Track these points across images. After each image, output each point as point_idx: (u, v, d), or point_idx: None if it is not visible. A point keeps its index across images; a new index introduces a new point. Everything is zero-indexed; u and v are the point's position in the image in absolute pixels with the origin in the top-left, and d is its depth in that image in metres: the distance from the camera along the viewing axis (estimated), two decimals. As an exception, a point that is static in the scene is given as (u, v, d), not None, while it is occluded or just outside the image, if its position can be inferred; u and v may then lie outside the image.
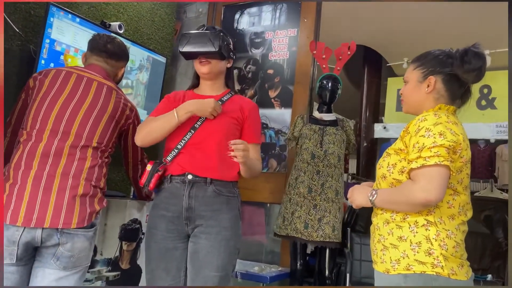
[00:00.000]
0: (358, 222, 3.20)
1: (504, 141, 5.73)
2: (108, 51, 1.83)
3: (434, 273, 1.21)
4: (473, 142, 5.86)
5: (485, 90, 5.79)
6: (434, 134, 1.22)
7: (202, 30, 1.77)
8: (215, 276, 1.62)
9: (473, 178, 6.12)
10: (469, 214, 1.33)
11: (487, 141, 5.78)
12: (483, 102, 5.80)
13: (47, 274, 1.53)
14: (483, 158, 5.87)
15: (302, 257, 2.68)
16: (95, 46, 1.85)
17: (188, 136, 1.69)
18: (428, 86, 1.37)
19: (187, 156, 1.69)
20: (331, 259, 2.70)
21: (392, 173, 1.32)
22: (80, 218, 1.53)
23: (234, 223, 1.71)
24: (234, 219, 1.72)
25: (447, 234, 1.25)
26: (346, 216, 3.08)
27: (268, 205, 3.21)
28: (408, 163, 1.26)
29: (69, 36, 2.43)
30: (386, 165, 1.35)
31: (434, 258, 1.22)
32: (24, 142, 1.59)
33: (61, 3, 2.38)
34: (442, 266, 1.21)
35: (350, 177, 5.41)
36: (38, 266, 1.54)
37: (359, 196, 1.40)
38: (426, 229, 1.26)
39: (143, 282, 2.24)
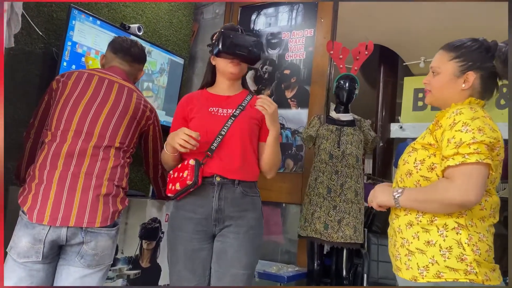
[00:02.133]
0: (374, 222, 3.19)
1: (524, 141, 5.62)
2: (133, 55, 1.88)
3: (468, 281, 1.12)
4: (491, 142, 5.77)
5: (504, 89, 5.72)
6: (473, 129, 1.12)
7: (241, 32, 1.78)
8: (243, 274, 1.64)
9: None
10: (498, 215, 1.24)
11: (506, 140, 5.66)
12: (502, 101, 5.70)
13: (72, 272, 1.56)
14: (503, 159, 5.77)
15: (319, 257, 2.69)
16: (119, 49, 1.88)
17: (217, 141, 1.69)
18: (465, 82, 1.25)
19: (215, 158, 1.69)
20: (348, 259, 2.70)
21: (420, 169, 1.22)
22: (103, 217, 1.57)
23: (259, 221, 1.75)
24: (259, 218, 1.75)
25: (479, 238, 1.16)
26: (366, 218, 3.07)
27: (284, 205, 3.22)
28: (442, 159, 1.16)
29: (90, 39, 2.48)
30: (412, 160, 1.25)
31: (467, 265, 1.13)
32: (49, 143, 1.63)
33: (82, 5, 2.43)
34: (476, 272, 1.13)
35: (366, 177, 5.38)
36: (62, 264, 1.57)
37: (381, 194, 1.29)
38: (457, 233, 1.17)
39: (162, 280, 2.27)
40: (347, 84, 2.73)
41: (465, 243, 1.15)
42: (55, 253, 1.57)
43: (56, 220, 1.50)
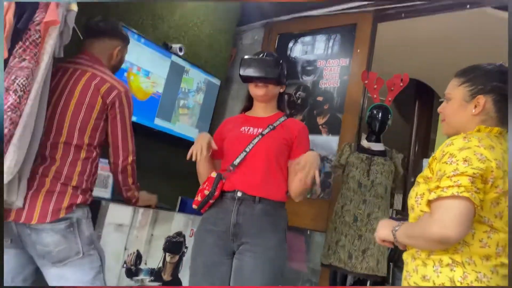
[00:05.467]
0: (401, 257, 3.10)
1: None
2: (100, 30, 1.80)
3: None
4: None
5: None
6: (458, 161, 1.07)
7: (261, 56, 1.85)
8: None
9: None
10: None
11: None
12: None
13: (47, 273, 1.61)
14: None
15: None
16: (87, 28, 1.81)
17: (241, 157, 1.74)
18: (475, 106, 1.20)
19: (238, 174, 1.74)
20: (371, 292, 2.63)
21: (420, 204, 1.18)
22: (41, 214, 1.56)
23: (280, 244, 1.72)
24: (280, 240, 1.72)
25: (477, 277, 1.07)
26: (389, 250, 2.99)
27: (309, 232, 3.19)
28: (430, 193, 1.11)
29: (133, 55, 2.60)
30: (414, 195, 1.21)
31: None
32: None
33: (128, 23, 2.56)
34: None
35: (395, 212, 5.25)
36: (40, 266, 1.63)
37: (382, 228, 1.26)
38: (451, 270, 1.09)
39: (182, 295, 2.28)
40: (380, 114, 2.73)
41: (458, 281, 1.08)
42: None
43: (14, 216, 1.56)
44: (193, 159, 1.67)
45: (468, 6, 2.85)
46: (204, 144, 1.69)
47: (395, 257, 3.03)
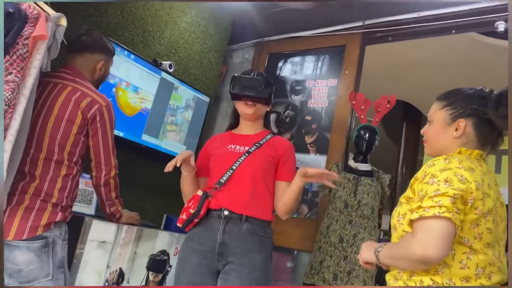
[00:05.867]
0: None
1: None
2: (83, 44, 1.78)
3: None
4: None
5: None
6: (439, 181, 1.08)
7: (252, 75, 1.86)
8: None
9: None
10: (496, 278, 1.13)
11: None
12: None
13: None
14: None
15: (326, 308, 2.60)
16: (70, 41, 1.79)
17: (227, 175, 1.74)
18: (456, 129, 1.23)
19: (225, 192, 1.73)
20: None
21: (402, 224, 1.18)
22: (19, 230, 1.53)
23: (266, 264, 1.70)
24: (266, 260, 1.71)
25: None
26: (376, 272, 2.98)
27: (295, 252, 3.16)
28: (411, 213, 1.12)
29: (122, 71, 2.61)
30: (396, 215, 1.22)
31: None
32: None
33: (118, 40, 2.57)
34: None
35: (382, 233, 5.25)
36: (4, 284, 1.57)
37: (365, 250, 1.26)
38: None
39: (164, 315, 2.23)
40: (367, 135, 2.75)
41: None
42: None
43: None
44: (165, 170, 1.68)
45: (453, 31, 2.92)
46: (179, 158, 1.70)
47: (380, 280, 3.01)
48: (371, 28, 3.16)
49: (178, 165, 1.70)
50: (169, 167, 1.69)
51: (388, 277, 1.25)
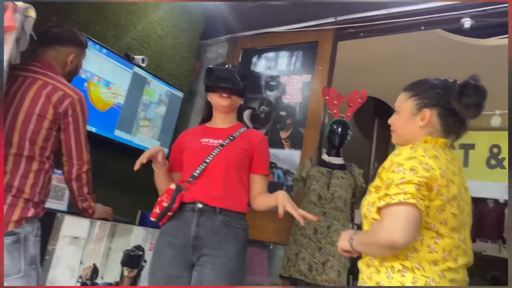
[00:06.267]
0: (361, 270, 3.15)
1: (514, 202, 5.66)
2: (54, 36, 1.74)
3: None
4: (482, 201, 5.83)
5: (495, 150, 5.82)
6: (405, 170, 1.12)
7: (227, 67, 1.86)
8: None
9: (482, 237, 6.02)
10: (462, 260, 1.19)
11: (496, 200, 5.71)
12: (493, 162, 5.81)
13: None
14: (491, 218, 5.77)
15: (302, 300, 2.64)
16: (40, 33, 1.74)
17: (200, 168, 1.74)
18: (422, 119, 1.27)
19: (198, 185, 1.73)
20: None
21: (371, 212, 1.21)
22: None
23: (240, 255, 1.71)
24: (241, 251, 1.72)
25: (425, 282, 1.12)
26: (350, 262, 3.04)
27: (271, 246, 3.19)
28: (379, 201, 1.16)
29: (94, 66, 2.56)
30: (366, 204, 1.26)
31: None
32: None
33: (90, 34, 2.52)
34: None
35: (356, 227, 5.35)
36: None
37: (342, 239, 1.30)
38: (402, 275, 1.14)
39: (140, 311, 2.22)
40: (340, 129, 2.80)
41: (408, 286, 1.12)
42: None
43: None
44: (134, 168, 1.67)
45: (422, 27, 3.00)
46: (145, 155, 1.69)
47: (355, 270, 3.07)
48: (343, 24, 3.21)
49: (144, 161, 1.68)
50: (136, 165, 1.68)
51: (361, 264, 1.29)
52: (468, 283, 1.25)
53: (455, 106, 1.23)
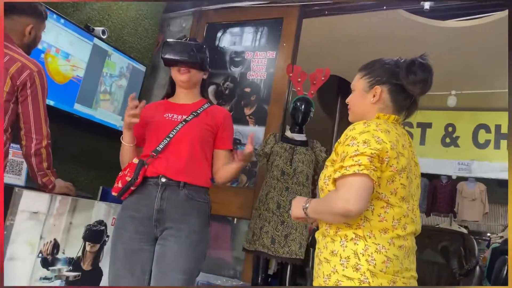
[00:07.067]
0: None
1: (465, 179, 5.98)
2: (10, 5, 1.66)
3: None
4: (436, 177, 6.12)
5: (450, 129, 6.09)
6: (358, 143, 1.19)
7: (184, 40, 1.84)
8: (182, 279, 1.63)
9: (435, 212, 6.34)
10: (410, 228, 1.25)
11: (449, 177, 6.00)
12: (447, 140, 6.08)
13: None
14: (444, 193, 6.07)
15: (264, 271, 2.72)
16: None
17: (164, 143, 1.73)
18: (374, 96, 1.34)
19: (162, 159, 1.73)
20: (292, 277, 2.75)
21: (328, 185, 1.27)
22: None
23: (204, 228, 1.74)
24: (204, 224, 1.75)
25: (376, 249, 1.18)
26: (310, 235, 3.15)
27: (235, 221, 3.24)
28: (335, 172, 1.22)
29: (52, 36, 2.46)
30: (323, 177, 1.31)
31: (361, 274, 1.16)
32: None
33: (46, 3, 2.41)
34: (369, 282, 1.15)
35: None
36: None
37: (294, 207, 1.35)
38: (354, 243, 1.20)
39: (103, 284, 2.21)
40: (303, 106, 2.84)
41: (360, 253, 1.18)
42: None
43: None
44: (135, 120, 1.69)
45: (384, 7, 3.06)
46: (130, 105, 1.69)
47: (314, 242, 3.18)
48: (308, 1, 3.22)
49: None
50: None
51: (317, 234, 1.34)
52: (419, 252, 1.32)
53: (403, 83, 1.30)
